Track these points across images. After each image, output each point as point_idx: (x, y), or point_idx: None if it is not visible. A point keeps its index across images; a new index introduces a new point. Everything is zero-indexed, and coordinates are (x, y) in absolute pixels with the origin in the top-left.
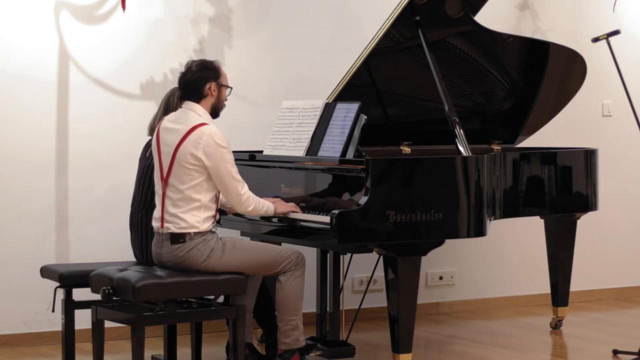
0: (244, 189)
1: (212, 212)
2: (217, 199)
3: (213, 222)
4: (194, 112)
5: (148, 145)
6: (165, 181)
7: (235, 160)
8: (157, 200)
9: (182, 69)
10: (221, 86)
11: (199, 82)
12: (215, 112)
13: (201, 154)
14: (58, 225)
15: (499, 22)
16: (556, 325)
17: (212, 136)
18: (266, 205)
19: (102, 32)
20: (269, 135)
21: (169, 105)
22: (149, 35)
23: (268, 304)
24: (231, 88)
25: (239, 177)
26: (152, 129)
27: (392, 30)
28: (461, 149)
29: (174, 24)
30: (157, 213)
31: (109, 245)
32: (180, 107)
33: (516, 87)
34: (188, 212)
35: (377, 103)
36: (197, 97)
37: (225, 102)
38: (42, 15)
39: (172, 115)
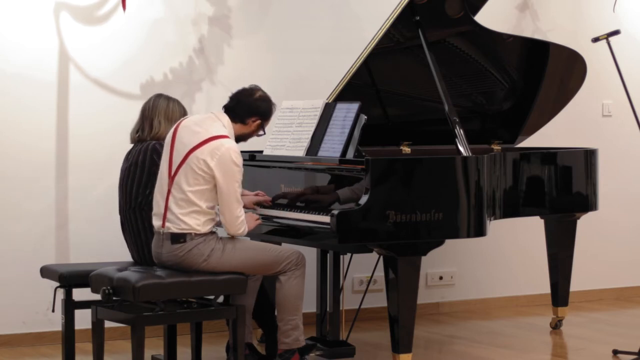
0: (242, 212)
1: (212, 216)
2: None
3: (213, 225)
4: (220, 122)
5: (128, 154)
6: (172, 178)
7: None
8: (160, 198)
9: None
10: (262, 127)
11: (249, 109)
12: (238, 139)
13: (214, 166)
14: (58, 225)
15: (499, 22)
16: (556, 325)
17: (229, 151)
18: (246, 229)
19: (102, 33)
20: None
21: (144, 108)
22: (149, 35)
23: (267, 304)
24: (264, 134)
25: (240, 198)
26: (133, 138)
27: (392, 30)
28: (461, 149)
29: (174, 24)
30: (158, 210)
31: (109, 245)
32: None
33: (516, 87)
34: (188, 215)
35: (377, 103)
36: (235, 119)
37: (252, 138)
38: (42, 16)
39: (196, 117)
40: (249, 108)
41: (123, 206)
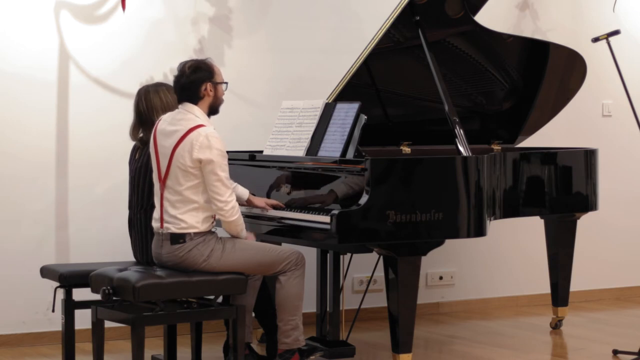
0: (232, 197)
1: (211, 213)
2: None
3: (212, 222)
4: (191, 113)
5: (135, 149)
6: (163, 182)
7: (235, 160)
8: (156, 201)
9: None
10: (217, 84)
11: (195, 84)
12: (213, 111)
13: (196, 155)
14: (58, 225)
15: (499, 22)
16: (556, 325)
17: (208, 137)
18: (243, 227)
19: (102, 32)
20: (269, 135)
21: (140, 111)
22: (149, 35)
23: (269, 303)
24: (227, 83)
25: (229, 182)
26: (133, 135)
27: (392, 30)
28: (461, 149)
29: (174, 24)
30: (156, 214)
31: (109, 245)
32: (177, 107)
33: (516, 87)
34: (187, 213)
35: (377, 103)
36: (195, 99)
37: (223, 98)
38: (42, 15)
39: (168, 117)
40: (192, 84)
41: (134, 205)
